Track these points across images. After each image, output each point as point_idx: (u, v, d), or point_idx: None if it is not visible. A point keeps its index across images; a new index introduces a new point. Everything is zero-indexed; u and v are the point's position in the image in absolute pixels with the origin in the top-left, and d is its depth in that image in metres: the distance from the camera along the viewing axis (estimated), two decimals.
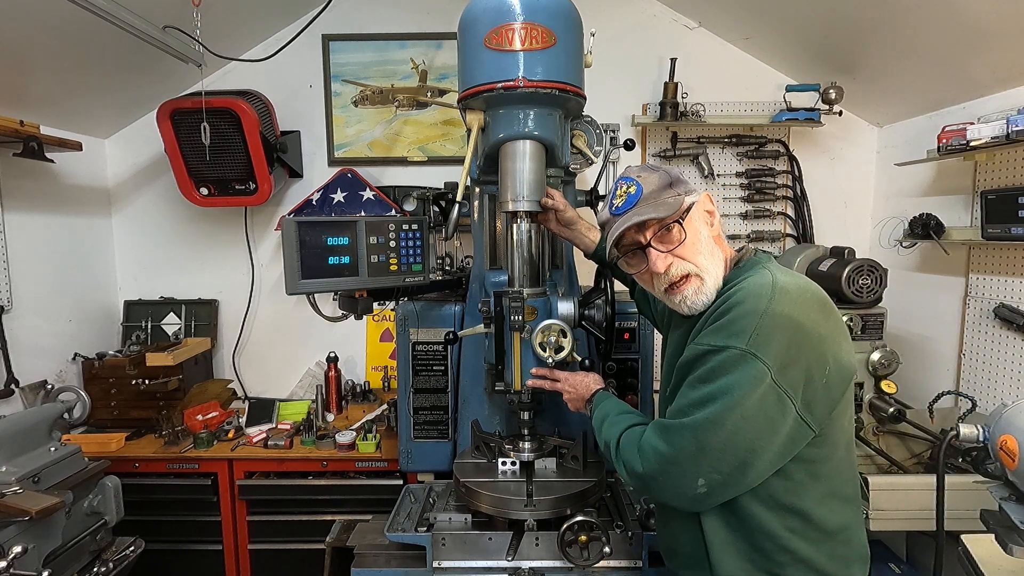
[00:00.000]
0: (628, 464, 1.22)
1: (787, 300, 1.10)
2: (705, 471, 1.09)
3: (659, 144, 2.97)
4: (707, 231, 1.25)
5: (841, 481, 1.20)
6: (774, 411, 1.07)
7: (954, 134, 2.08)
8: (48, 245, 2.67)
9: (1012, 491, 1.21)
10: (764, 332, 1.07)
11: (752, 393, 1.06)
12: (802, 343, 1.08)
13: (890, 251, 2.70)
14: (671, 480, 1.13)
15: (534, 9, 1.53)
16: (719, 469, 1.09)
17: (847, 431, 1.22)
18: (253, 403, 2.83)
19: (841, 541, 1.19)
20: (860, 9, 2.20)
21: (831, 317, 1.15)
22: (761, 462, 1.09)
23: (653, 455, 1.15)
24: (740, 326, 1.09)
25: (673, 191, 1.23)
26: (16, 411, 2.29)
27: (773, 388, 1.06)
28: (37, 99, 2.46)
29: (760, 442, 1.08)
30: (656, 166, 1.30)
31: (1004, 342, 2.15)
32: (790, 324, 1.08)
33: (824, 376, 1.10)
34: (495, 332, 1.65)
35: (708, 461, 1.09)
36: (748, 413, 1.06)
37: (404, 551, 1.69)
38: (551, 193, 1.70)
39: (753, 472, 1.10)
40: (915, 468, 2.05)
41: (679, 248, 1.21)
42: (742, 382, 1.06)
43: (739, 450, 1.07)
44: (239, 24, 2.75)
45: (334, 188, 2.86)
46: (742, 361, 1.07)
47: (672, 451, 1.12)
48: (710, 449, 1.08)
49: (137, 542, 2.04)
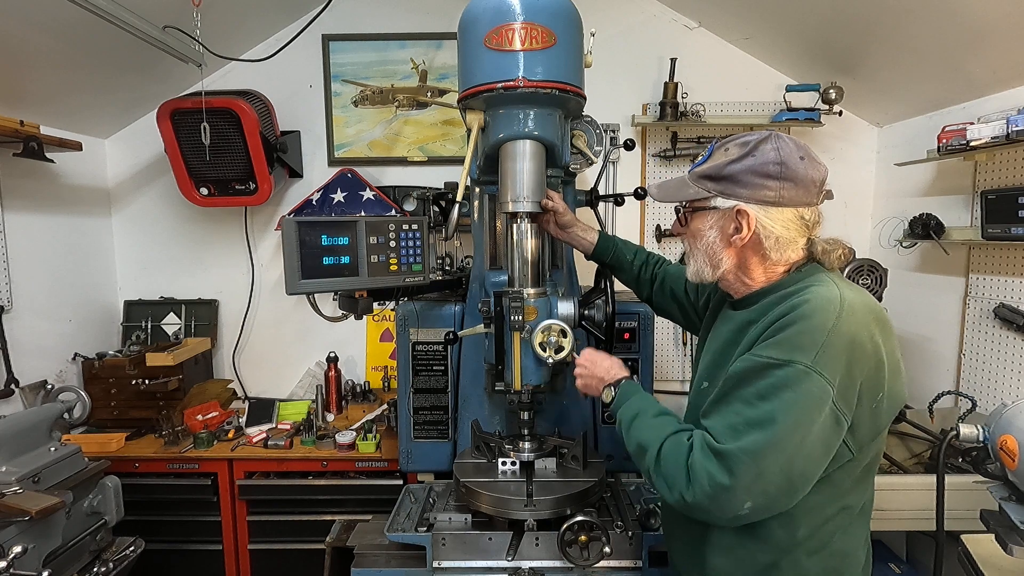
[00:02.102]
0: (672, 483, 1.11)
1: (854, 320, 1.05)
2: (756, 495, 1.03)
3: (659, 144, 2.97)
4: (717, 237, 1.20)
5: (854, 496, 1.17)
6: (831, 434, 1.03)
7: (954, 134, 2.08)
8: (48, 245, 2.67)
9: (1012, 491, 1.21)
10: (830, 350, 1.02)
11: (814, 414, 1.01)
12: (862, 365, 1.04)
13: (890, 251, 2.70)
14: (720, 506, 1.05)
15: (534, 9, 1.53)
16: (768, 492, 1.03)
17: (874, 451, 1.17)
18: (253, 403, 2.83)
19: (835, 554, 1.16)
20: (860, 9, 2.20)
21: (890, 341, 1.10)
22: (808, 486, 1.05)
23: (708, 482, 1.04)
24: (806, 341, 1.03)
25: (707, 183, 1.18)
26: (16, 411, 2.29)
27: (833, 410, 1.02)
28: (37, 99, 2.46)
29: (814, 468, 1.04)
30: (749, 148, 1.15)
31: (1004, 342, 2.15)
32: (854, 345, 1.03)
33: (875, 402, 1.06)
34: (495, 332, 1.65)
35: (761, 486, 1.02)
36: (808, 437, 1.01)
37: (404, 551, 1.69)
38: (551, 195, 1.70)
39: (798, 496, 1.05)
40: (915, 468, 2.05)
41: (684, 226, 1.28)
42: (806, 402, 1.01)
43: (793, 474, 1.02)
44: (239, 24, 2.75)
45: (334, 188, 2.86)
46: (806, 379, 1.01)
47: (731, 482, 1.02)
48: (767, 474, 1.01)
49: (137, 542, 2.04)
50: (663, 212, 3.01)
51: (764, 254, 1.17)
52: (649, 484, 1.29)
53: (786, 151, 1.14)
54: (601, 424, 2.07)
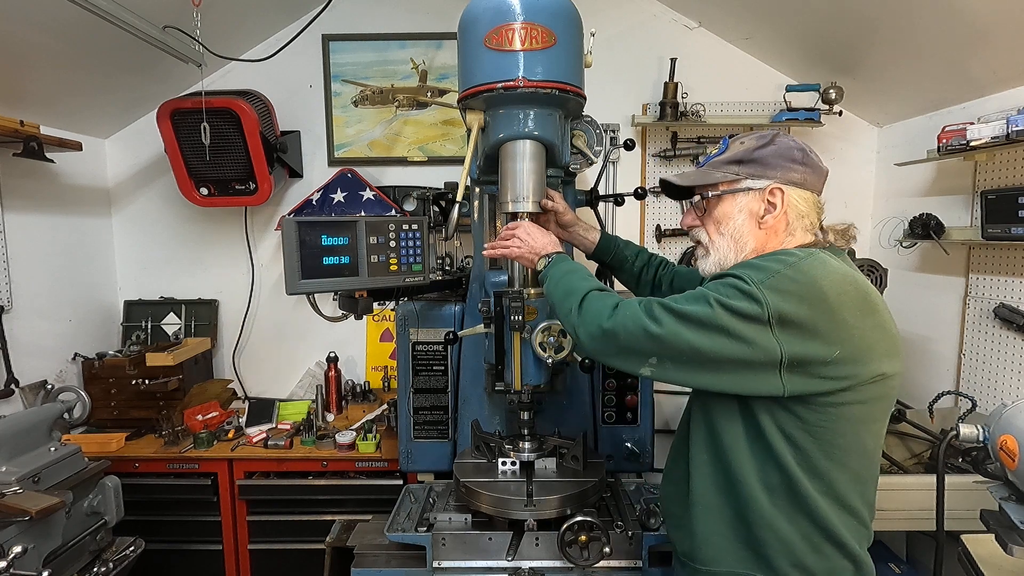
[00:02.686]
0: (593, 315, 1.20)
1: (821, 267, 1.09)
2: (664, 353, 1.13)
3: (659, 144, 2.97)
4: (747, 219, 1.23)
5: (849, 492, 1.15)
6: (758, 353, 1.07)
7: (954, 134, 2.08)
8: (48, 245, 2.67)
9: (1012, 491, 1.21)
10: (781, 281, 1.07)
11: (744, 327, 1.06)
12: (818, 312, 1.06)
13: (890, 251, 2.70)
14: (631, 343, 1.14)
15: (534, 9, 1.53)
16: (673, 358, 1.12)
17: (865, 443, 1.15)
18: (253, 403, 2.83)
19: (834, 544, 1.15)
20: (860, 9, 2.20)
21: (870, 316, 1.10)
22: (707, 376, 1.12)
23: (632, 320, 1.14)
24: (762, 266, 1.11)
25: (736, 168, 1.23)
26: (16, 411, 2.29)
27: (767, 331, 1.06)
28: (37, 99, 2.46)
29: (719, 363, 1.10)
30: (768, 139, 1.24)
31: (1004, 342, 2.15)
32: (812, 287, 1.06)
33: (830, 357, 1.06)
34: (495, 332, 1.65)
35: (670, 349, 1.11)
36: (731, 344, 1.07)
37: (404, 551, 1.69)
38: (551, 195, 1.70)
39: (696, 379, 1.14)
40: (915, 468, 2.05)
41: (704, 217, 1.28)
42: (739, 312, 1.06)
43: (702, 357, 1.09)
44: (239, 24, 2.75)
45: (334, 188, 2.86)
46: (749, 296, 1.06)
47: (654, 328, 1.11)
48: (678, 341, 1.09)
49: (137, 542, 2.04)
50: (663, 212, 3.01)
51: (782, 237, 1.23)
52: (565, 325, 1.31)
53: (801, 143, 1.25)
54: (601, 424, 2.07)
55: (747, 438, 1.17)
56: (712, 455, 1.23)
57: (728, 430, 1.19)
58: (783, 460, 1.13)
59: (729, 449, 1.19)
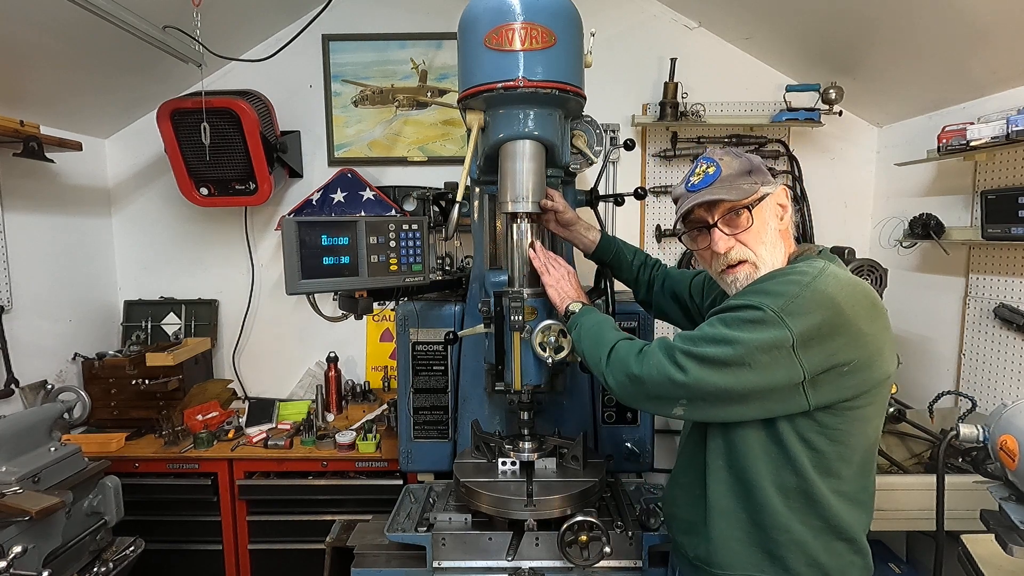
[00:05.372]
0: (623, 364, 1.23)
1: (834, 283, 1.11)
2: (692, 396, 1.15)
3: (659, 144, 2.97)
4: (775, 223, 1.27)
5: (856, 486, 1.20)
6: (781, 377, 1.09)
7: (954, 134, 2.08)
8: (48, 245, 2.67)
9: (1012, 491, 1.21)
10: (801, 303, 1.08)
11: (767, 357, 1.07)
12: (836, 327, 1.08)
13: (890, 251, 2.70)
14: (658, 390, 1.17)
15: (534, 9, 1.53)
16: (703, 399, 1.14)
17: (869, 438, 1.21)
18: (253, 403, 2.83)
19: (844, 540, 1.19)
20: (860, 9, 2.20)
21: (878, 320, 1.14)
22: (740, 411, 1.14)
23: (657, 368, 1.16)
24: (778, 291, 1.11)
25: (751, 178, 1.25)
26: (16, 411, 2.29)
27: (790, 356, 1.07)
28: (37, 99, 2.46)
29: (750, 394, 1.11)
30: (739, 152, 1.30)
31: (1004, 342, 2.15)
32: (830, 304, 1.08)
33: (848, 366, 1.10)
34: (495, 332, 1.65)
35: (699, 391, 1.13)
36: (755, 368, 1.09)
37: (404, 551, 1.69)
38: (551, 194, 1.70)
39: (729, 413, 1.15)
40: (915, 468, 2.04)
41: (743, 234, 1.25)
42: (763, 339, 1.07)
43: (732, 393, 1.11)
44: (239, 24, 2.75)
45: (334, 188, 2.86)
46: (770, 324, 1.08)
47: (680, 377, 1.13)
48: (704, 383, 1.11)
49: (137, 542, 2.05)
50: (663, 212, 3.01)
51: (790, 239, 1.29)
52: (595, 374, 1.33)
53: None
54: (601, 424, 2.07)
55: (765, 444, 1.19)
56: (727, 460, 1.23)
57: (746, 437, 1.20)
58: (799, 463, 1.16)
59: (745, 455, 1.20)
